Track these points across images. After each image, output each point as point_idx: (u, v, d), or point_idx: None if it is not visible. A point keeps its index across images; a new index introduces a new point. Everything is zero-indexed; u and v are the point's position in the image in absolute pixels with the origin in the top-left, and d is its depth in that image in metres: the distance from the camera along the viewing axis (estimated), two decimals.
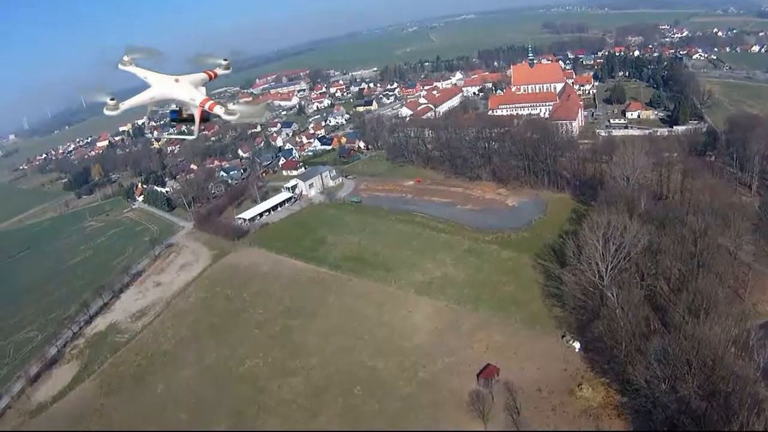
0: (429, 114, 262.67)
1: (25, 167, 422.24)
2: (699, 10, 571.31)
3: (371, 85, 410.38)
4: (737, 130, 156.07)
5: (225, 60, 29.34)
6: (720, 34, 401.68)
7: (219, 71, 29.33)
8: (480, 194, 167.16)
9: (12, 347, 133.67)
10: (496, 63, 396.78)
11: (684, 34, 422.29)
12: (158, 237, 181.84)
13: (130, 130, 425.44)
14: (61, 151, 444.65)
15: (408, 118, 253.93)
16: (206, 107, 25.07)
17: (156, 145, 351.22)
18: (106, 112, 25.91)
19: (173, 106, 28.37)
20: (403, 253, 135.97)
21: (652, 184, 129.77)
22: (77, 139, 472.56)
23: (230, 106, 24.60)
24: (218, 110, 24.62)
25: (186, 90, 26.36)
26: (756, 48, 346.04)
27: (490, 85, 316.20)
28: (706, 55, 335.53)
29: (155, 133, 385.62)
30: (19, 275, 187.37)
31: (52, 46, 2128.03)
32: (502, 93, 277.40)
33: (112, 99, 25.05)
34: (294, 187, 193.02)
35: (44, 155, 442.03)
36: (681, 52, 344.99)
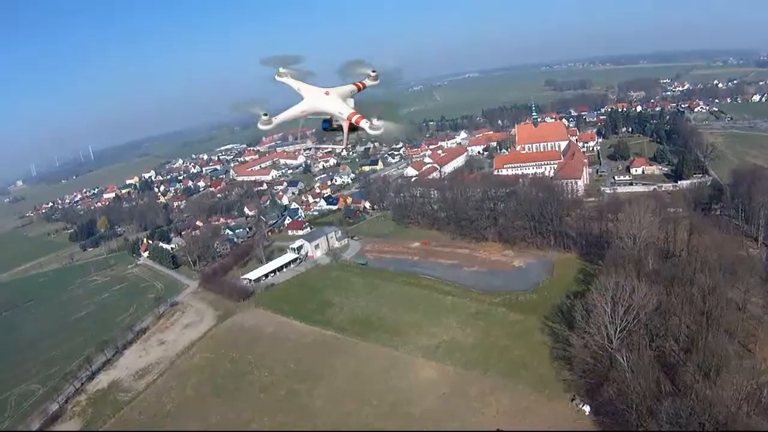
0: (434, 174, 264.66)
1: (32, 214, 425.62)
2: (699, 62, 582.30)
3: (376, 144, 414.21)
4: (741, 183, 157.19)
5: (374, 71, 28.96)
6: (720, 85, 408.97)
7: (367, 82, 29.01)
8: (486, 255, 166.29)
9: (13, 400, 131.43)
10: (500, 121, 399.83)
11: (685, 87, 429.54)
12: (163, 295, 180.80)
13: (137, 183, 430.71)
14: (67, 200, 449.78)
15: (413, 178, 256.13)
16: (353, 120, 25.72)
17: (162, 199, 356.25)
18: (261, 127, 26.42)
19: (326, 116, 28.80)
20: (410, 317, 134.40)
21: (658, 242, 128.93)
22: (84, 189, 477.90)
23: (374, 121, 25.05)
24: (363, 124, 25.21)
25: (335, 103, 26.86)
26: (756, 97, 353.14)
27: (494, 144, 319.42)
28: (707, 107, 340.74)
29: (162, 187, 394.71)
30: (23, 326, 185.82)
31: (63, 93, 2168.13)
32: (507, 152, 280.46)
33: (265, 114, 25.64)
34: (300, 248, 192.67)
35: (51, 203, 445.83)
36: (683, 105, 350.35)
